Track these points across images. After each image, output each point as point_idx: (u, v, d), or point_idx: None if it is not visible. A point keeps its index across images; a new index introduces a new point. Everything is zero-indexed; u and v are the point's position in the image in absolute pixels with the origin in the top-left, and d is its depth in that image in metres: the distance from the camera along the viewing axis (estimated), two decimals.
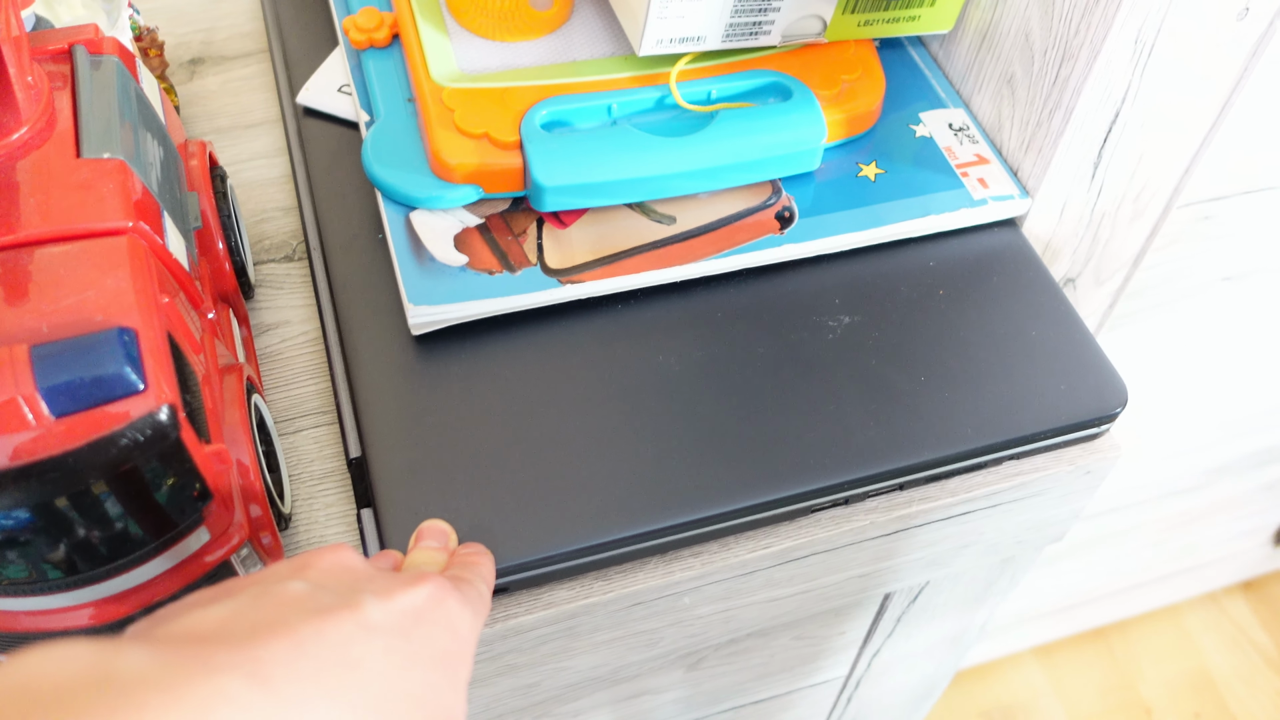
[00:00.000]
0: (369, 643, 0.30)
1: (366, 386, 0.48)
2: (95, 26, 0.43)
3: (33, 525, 0.35)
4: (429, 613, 0.33)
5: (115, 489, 0.35)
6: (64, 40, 0.42)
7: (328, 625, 0.29)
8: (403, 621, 0.31)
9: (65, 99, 0.41)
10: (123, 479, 0.35)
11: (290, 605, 0.30)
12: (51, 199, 0.38)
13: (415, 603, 0.32)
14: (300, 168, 0.58)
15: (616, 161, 0.52)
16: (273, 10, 0.66)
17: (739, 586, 0.49)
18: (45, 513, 0.35)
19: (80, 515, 0.35)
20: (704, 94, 0.55)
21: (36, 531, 0.35)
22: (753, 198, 0.55)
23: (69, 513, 0.35)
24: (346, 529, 0.47)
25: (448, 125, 0.52)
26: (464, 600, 0.35)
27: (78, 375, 0.34)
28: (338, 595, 0.31)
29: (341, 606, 0.30)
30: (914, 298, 0.53)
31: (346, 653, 0.29)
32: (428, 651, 0.31)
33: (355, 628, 0.30)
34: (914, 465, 0.48)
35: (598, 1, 0.60)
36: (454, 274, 0.50)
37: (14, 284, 0.36)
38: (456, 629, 0.33)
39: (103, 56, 0.43)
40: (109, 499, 0.35)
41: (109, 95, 0.41)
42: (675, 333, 0.51)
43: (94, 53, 0.42)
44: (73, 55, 0.42)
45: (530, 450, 0.47)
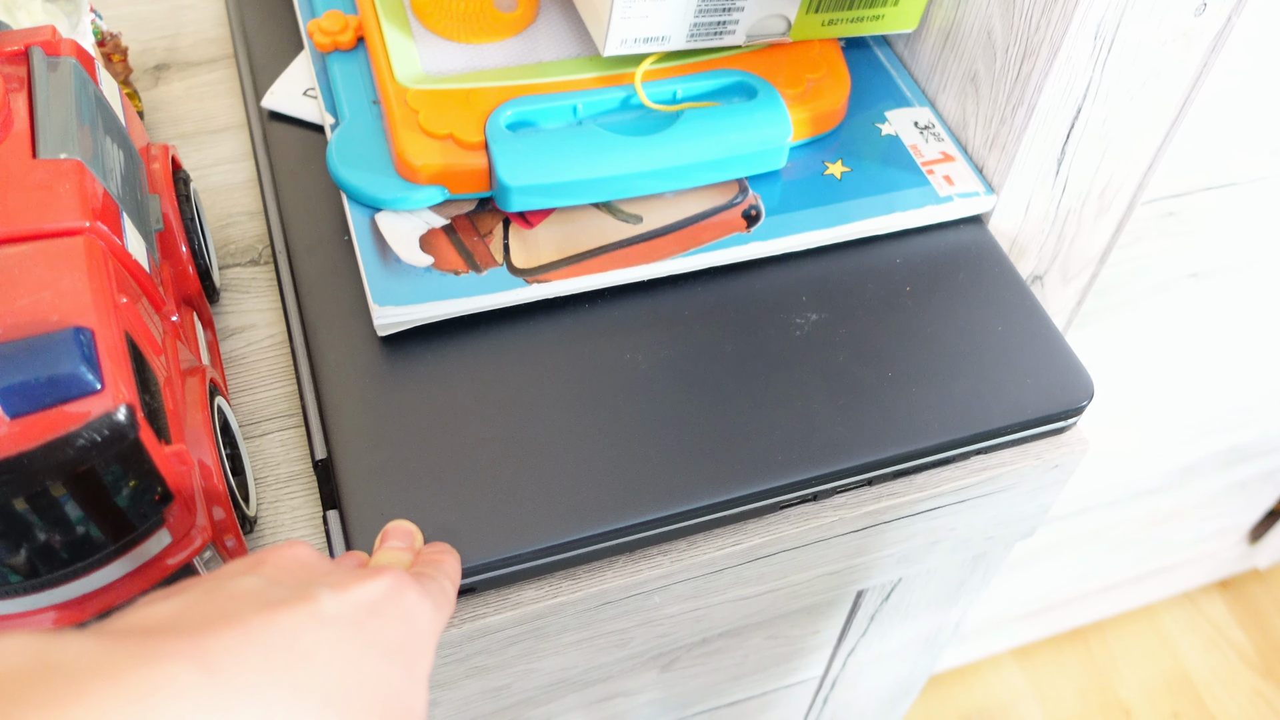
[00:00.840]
0: (320, 633, 0.29)
1: (332, 388, 0.48)
2: (52, 28, 0.43)
3: None
4: (385, 605, 0.32)
5: (73, 490, 0.35)
6: (20, 42, 0.42)
7: (279, 616, 0.29)
8: (357, 613, 0.31)
9: (21, 100, 0.40)
10: (81, 480, 0.35)
11: (242, 599, 0.29)
12: (6, 199, 0.37)
13: (371, 595, 0.32)
14: (266, 171, 0.58)
15: (582, 161, 0.52)
16: (238, 16, 0.66)
17: (708, 585, 0.49)
18: (2, 515, 0.34)
19: (38, 517, 0.35)
20: (669, 94, 0.55)
21: None
22: (719, 197, 0.55)
23: (27, 515, 0.35)
24: (313, 531, 0.47)
25: (412, 126, 0.52)
26: (423, 593, 0.34)
27: (33, 375, 0.34)
28: (291, 589, 0.31)
29: (294, 599, 0.30)
30: (881, 295, 0.53)
31: (296, 642, 0.29)
32: (383, 642, 0.31)
33: (307, 619, 0.29)
34: (882, 460, 0.48)
35: (563, 3, 0.60)
36: (419, 275, 0.50)
37: None
38: (414, 621, 0.33)
39: (60, 58, 0.42)
40: (67, 500, 0.35)
41: (66, 96, 0.41)
42: (642, 331, 0.51)
43: (51, 54, 0.42)
44: (29, 57, 0.42)
45: (497, 450, 0.46)
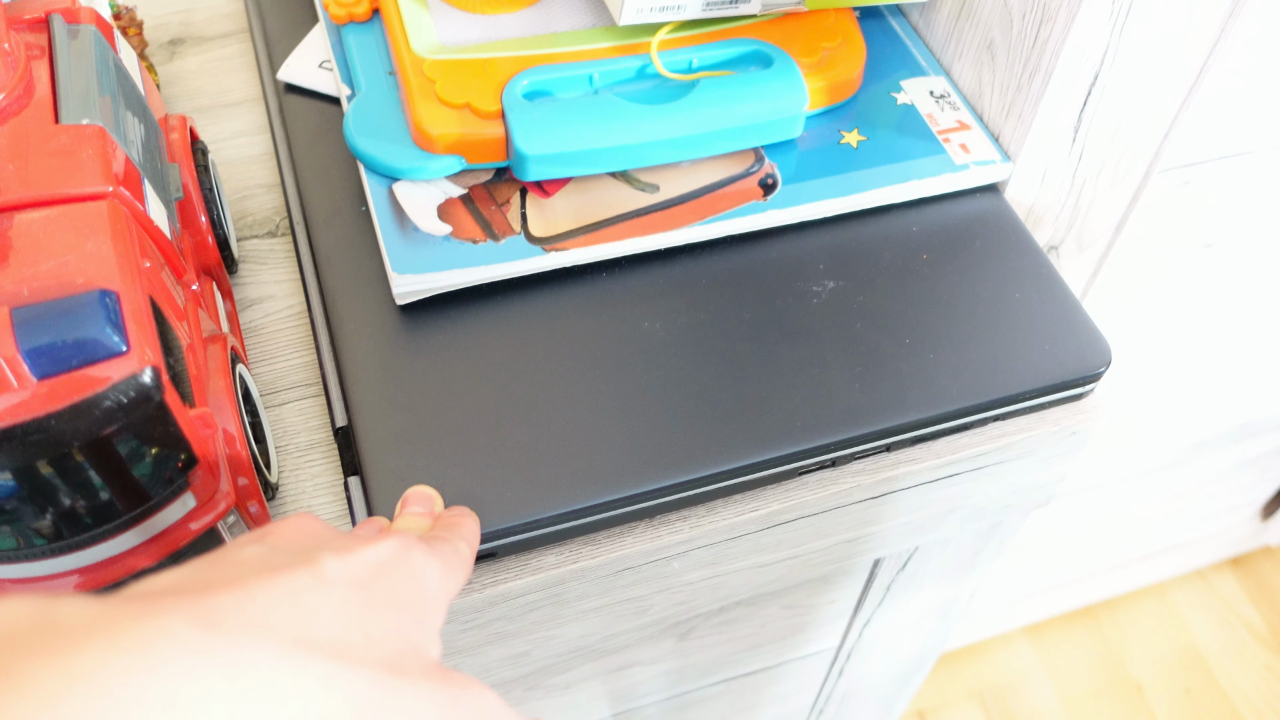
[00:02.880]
0: (324, 593, 0.29)
1: (352, 356, 0.48)
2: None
3: (15, 490, 0.35)
4: (392, 566, 0.32)
5: (99, 453, 0.35)
6: (41, 9, 0.42)
7: (281, 579, 0.29)
8: (363, 574, 0.31)
9: (43, 67, 0.40)
10: (106, 442, 0.35)
11: (245, 564, 0.29)
12: (30, 165, 0.37)
13: (377, 557, 0.32)
14: (282, 144, 0.58)
15: (599, 130, 0.52)
16: None
17: (727, 551, 0.49)
18: (27, 477, 0.35)
19: (63, 480, 0.35)
20: (685, 63, 0.55)
21: (19, 497, 0.35)
22: (735, 166, 0.55)
23: (52, 478, 0.35)
24: (334, 498, 0.47)
25: (429, 96, 0.52)
26: (431, 554, 0.34)
27: (59, 337, 0.34)
28: (295, 555, 0.31)
29: (297, 563, 0.30)
30: (898, 263, 0.53)
31: (299, 601, 0.28)
32: (389, 599, 0.31)
33: (310, 579, 0.29)
34: (900, 426, 0.48)
35: None
36: (438, 243, 0.50)
37: None
38: (422, 580, 0.33)
39: (80, 25, 0.42)
40: (92, 463, 0.35)
41: (87, 63, 0.41)
42: (660, 299, 0.51)
43: (71, 22, 0.42)
44: (50, 24, 0.42)
45: (517, 416, 0.47)
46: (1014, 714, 1.31)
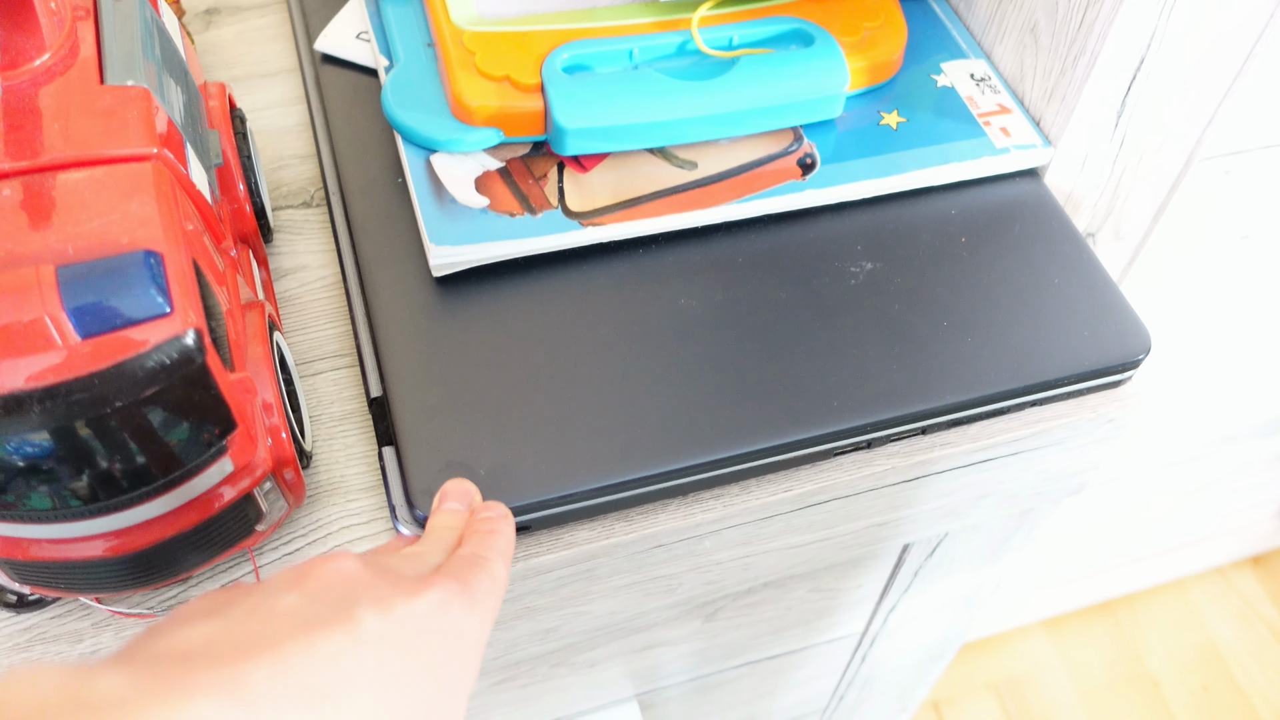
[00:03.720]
0: (360, 654, 0.29)
1: (387, 327, 0.48)
2: None
3: (53, 450, 0.35)
4: (431, 620, 0.31)
5: (139, 414, 0.35)
6: None
7: (318, 640, 0.28)
8: (401, 631, 0.30)
9: (88, 28, 0.40)
10: (147, 403, 0.35)
11: (281, 620, 0.29)
12: (75, 125, 0.37)
13: (416, 611, 0.31)
14: (319, 114, 0.57)
15: (638, 105, 0.51)
16: None
17: (759, 531, 0.49)
18: (66, 438, 0.35)
19: (102, 441, 0.35)
20: (726, 39, 0.55)
21: (57, 457, 0.35)
22: (774, 144, 0.55)
23: (90, 439, 0.35)
24: (367, 468, 0.47)
25: (469, 68, 0.52)
26: (470, 603, 0.33)
27: (104, 296, 0.34)
28: (332, 607, 0.30)
29: (334, 619, 0.29)
30: (936, 245, 0.53)
31: (335, 667, 0.28)
32: (425, 662, 0.31)
33: (347, 641, 0.29)
34: (936, 409, 0.48)
35: None
36: (475, 216, 0.50)
37: (39, 207, 0.35)
38: (461, 634, 0.32)
39: None
40: (132, 425, 0.35)
41: (132, 26, 0.41)
42: (697, 277, 0.51)
43: None
44: None
45: (552, 390, 0.46)
46: (1030, 706, 1.30)
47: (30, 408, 0.33)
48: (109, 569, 0.40)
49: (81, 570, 0.40)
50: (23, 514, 0.37)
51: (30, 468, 0.35)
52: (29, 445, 0.34)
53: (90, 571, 0.40)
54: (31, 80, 0.38)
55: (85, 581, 0.40)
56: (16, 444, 0.34)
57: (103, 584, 0.41)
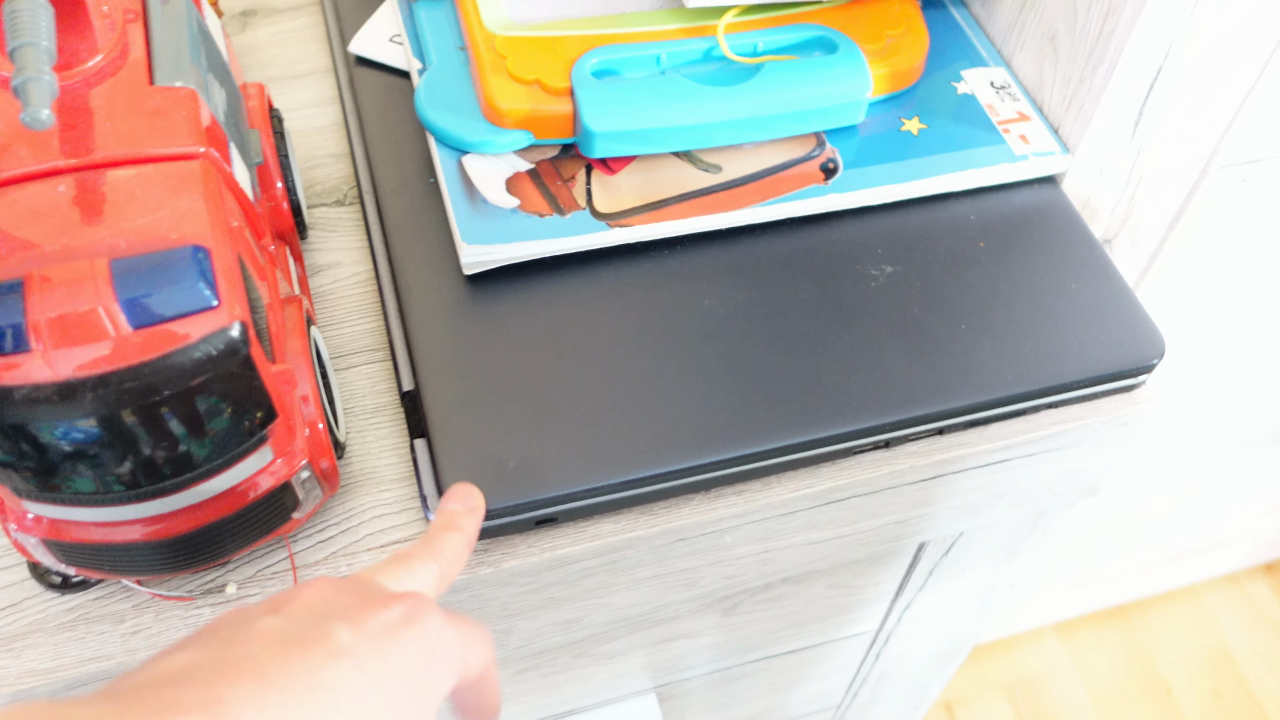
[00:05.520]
0: (337, 666, 0.30)
1: (419, 322, 0.50)
2: None
3: (99, 436, 0.36)
4: (403, 629, 0.32)
5: (186, 403, 0.36)
6: None
7: (295, 657, 0.29)
8: (374, 640, 0.31)
9: (138, 31, 0.42)
10: (194, 392, 0.36)
11: (259, 641, 0.30)
12: (126, 124, 0.39)
13: (387, 620, 0.32)
14: (352, 115, 0.59)
15: (665, 109, 0.53)
16: None
17: (779, 527, 0.50)
18: (117, 424, 0.36)
19: (150, 428, 0.37)
20: (751, 46, 0.56)
21: (103, 443, 0.36)
22: (797, 149, 0.56)
23: (138, 425, 0.36)
24: (399, 459, 0.48)
25: (500, 72, 0.53)
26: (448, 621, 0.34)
27: (154, 289, 0.35)
28: (308, 625, 0.31)
29: (310, 637, 0.30)
30: (955, 250, 0.54)
31: (313, 680, 0.29)
32: (400, 666, 0.31)
33: (324, 655, 0.30)
34: (954, 410, 0.49)
35: None
36: (505, 216, 0.51)
37: (92, 203, 0.37)
38: (433, 644, 0.33)
39: None
40: (177, 413, 0.37)
41: (179, 28, 0.42)
42: (720, 278, 0.52)
43: None
44: None
45: (579, 386, 0.48)
46: (1042, 708, 1.31)
47: (83, 395, 0.35)
48: (150, 552, 0.41)
49: (124, 553, 0.41)
50: (70, 497, 0.38)
51: (79, 453, 0.36)
52: (79, 431, 0.36)
53: (132, 554, 0.41)
54: (84, 81, 0.39)
55: (127, 564, 0.42)
56: (67, 430, 0.36)
57: (144, 567, 0.42)
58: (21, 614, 0.44)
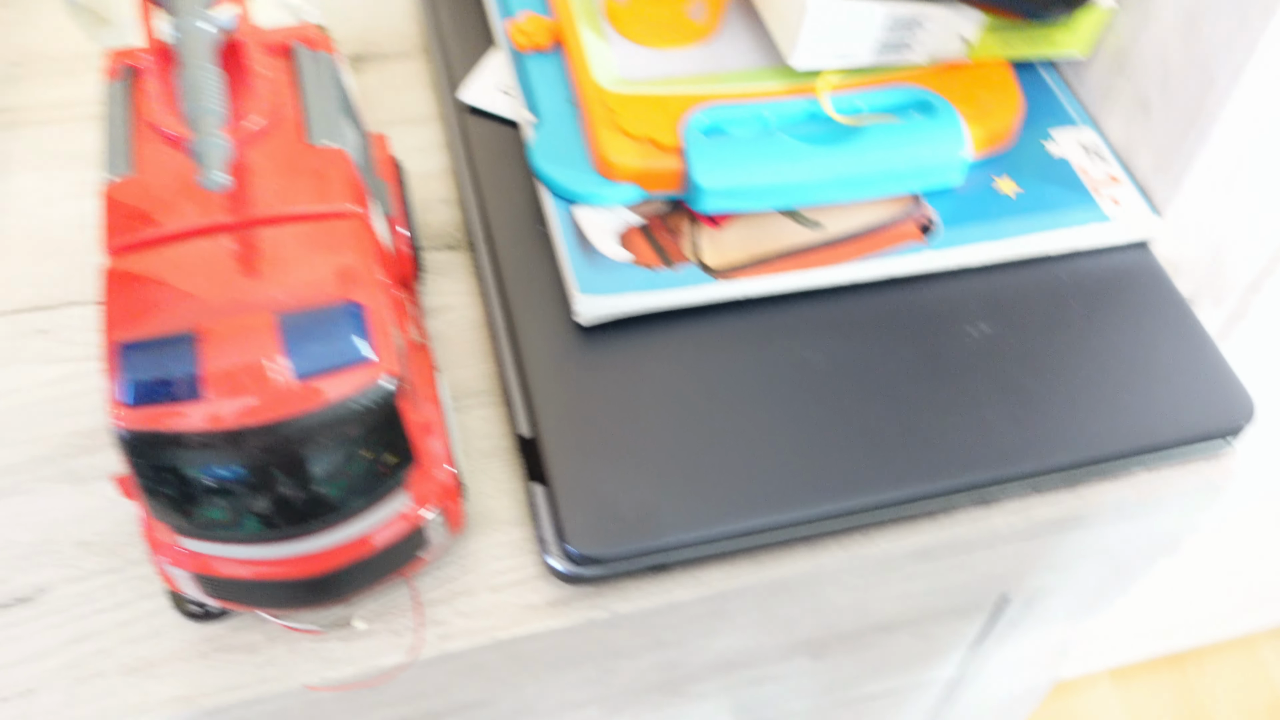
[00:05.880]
0: None
1: (534, 368, 0.51)
2: (313, 26, 0.47)
3: (260, 480, 0.38)
4: None
5: (339, 451, 0.38)
6: (286, 37, 0.46)
7: None
8: None
9: (292, 90, 0.44)
10: (347, 442, 0.38)
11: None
12: (284, 183, 0.41)
13: None
14: (462, 162, 0.61)
15: (771, 167, 0.55)
16: (431, 12, 0.69)
17: (877, 578, 0.52)
18: (272, 470, 0.38)
19: (302, 475, 0.39)
20: (852, 106, 0.58)
21: (261, 487, 0.38)
22: (895, 208, 0.57)
23: (293, 472, 0.38)
24: (513, 502, 0.50)
25: (612, 127, 0.55)
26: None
27: (317, 344, 0.37)
28: None
29: None
30: (1048, 310, 0.55)
31: None
32: None
33: None
34: (1049, 468, 0.50)
35: (744, 14, 0.63)
36: (618, 268, 0.53)
37: (255, 259, 0.39)
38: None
39: (319, 52, 0.46)
40: (328, 460, 0.39)
41: (327, 88, 0.45)
42: (822, 332, 0.53)
43: (312, 49, 0.46)
44: (294, 50, 0.45)
45: (689, 435, 0.49)
46: None
47: (247, 443, 0.37)
48: (289, 589, 0.43)
49: (264, 589, 0.43)
50: (222, 536, 0.40)
51: (237, 496, 0.38)
52: (236, 475, 0.38)
53: (272, 591, 0.43)
54: (245, 140, 0.42)
55: (266, 599, 0.44)
56: (229, 474, 0.38)
57: (280, 602, 0.44)
58: (162, 641, 0.46)
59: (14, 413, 0.53)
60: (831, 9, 0.54)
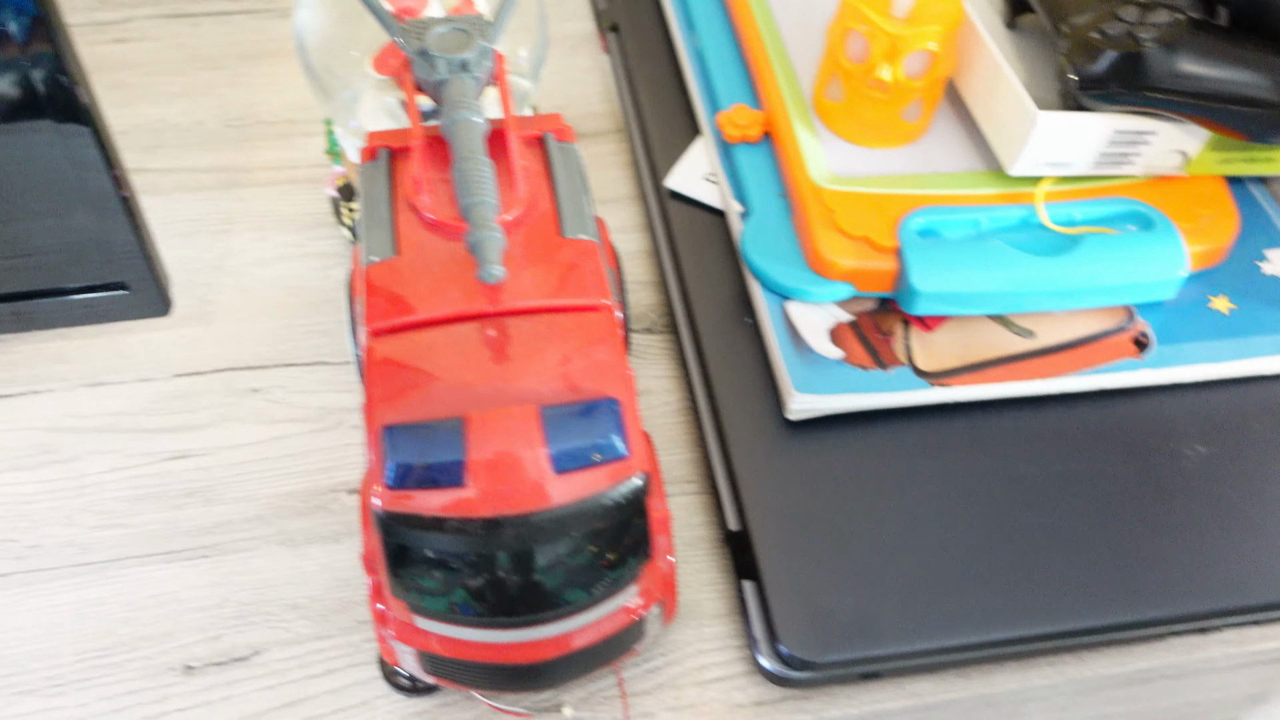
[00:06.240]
0: None
1: (742, 462, 0.51)
2: (559, 116, 0.48)
3: (503, 569, 0.39)
4: None
5: (584, 545, 0.39)
6: (538, 128, 0.47)
7: None
8: None
9: (543, 181, 0.45)
10: (593, 536, 0.39)
11: None
12: (541, 273, 0.42)
13: None
14: (664, 246, 0.62)
15: (988, 274, 0.54)
16: (629, 94, 0.71)
17: (1081, 700, 0.50)
18: (522, 560, 0.38)
19: (545, 566, 0.39)
20: (1067, 216, 0.57)
21: (507, 575, 0.39)
22: (1108, 320, 0.57)
23: (539, 563, 0.39)
24: (717, 595, 0.50)
25: (829, 225, 0.55)
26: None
27: (577, 438, 0.38)
28: None
29: None
30: (1266, 433, 0.54)
31: None
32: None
33: None
34: (1272, 603, 0.49)
35: (953, 115, 0.63)
36: (831, 366, 0.53)
37: (516, 348, 0.40)
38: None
39: (566, 143, 0.47)
40: (576, 553, 0.39)
41: (576, 180, 0.45)
42: (1034, 444, 0.53)
43: (561, 139, 0.47)
44: (544, 141, 0.46)
45: (900, 539, 0.49)
46: None
47: (502, 532, 0.37)
48: (505, 674, 0.43)
49: (480, 671, 0.43)
50: (457, 618, 0.41)
51: (481, 581, 0.39)
52: (482, 562, 0.38)
53: (491, 673, 0.43)
54: (507, 230, 0.43)
55: (481, 680, 0.44)
56: (479, 561, 0.38)
57: (495, 684, 0.44)
58: (373, 713, 0.46)
59: (229, 470, 0.55)
60: (1059, 123, 0.54)
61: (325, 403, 0.57)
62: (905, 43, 0.55)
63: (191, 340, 0.60)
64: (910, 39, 0.55)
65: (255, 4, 0.79)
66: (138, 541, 0.52)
